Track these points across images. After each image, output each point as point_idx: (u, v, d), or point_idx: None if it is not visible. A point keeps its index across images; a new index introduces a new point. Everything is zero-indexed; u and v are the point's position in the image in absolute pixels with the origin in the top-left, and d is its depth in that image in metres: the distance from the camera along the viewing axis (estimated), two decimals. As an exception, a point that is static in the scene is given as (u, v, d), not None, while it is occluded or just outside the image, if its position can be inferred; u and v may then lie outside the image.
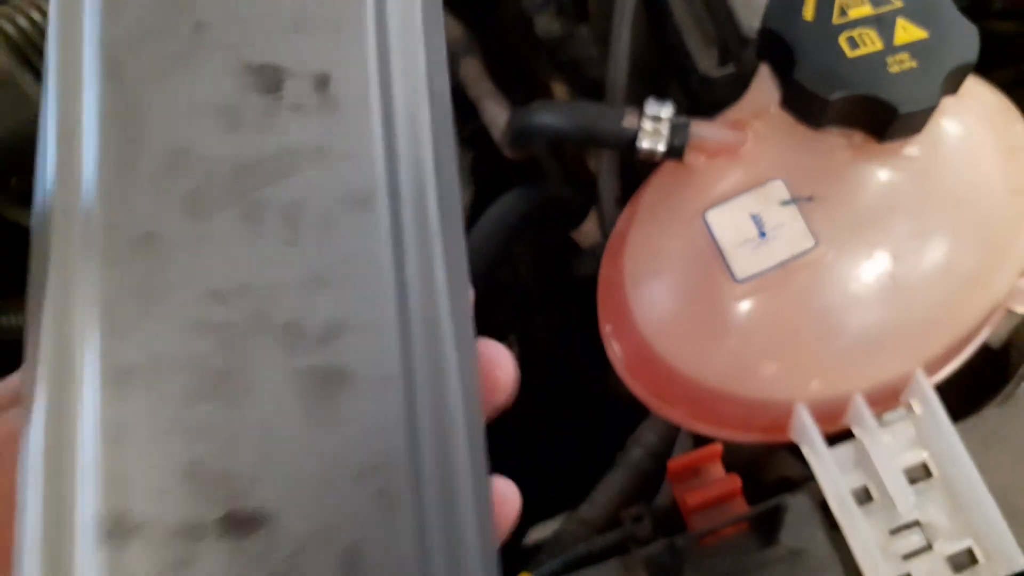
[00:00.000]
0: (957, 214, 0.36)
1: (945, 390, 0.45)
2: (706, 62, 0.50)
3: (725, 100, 0.40)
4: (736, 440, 0.37)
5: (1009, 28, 0.56)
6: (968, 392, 0.42)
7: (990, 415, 0.38)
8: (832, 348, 0.35)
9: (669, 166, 0.39)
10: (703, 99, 0.50)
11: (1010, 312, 0.40)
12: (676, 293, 0.37)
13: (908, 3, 0.35)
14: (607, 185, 0.51)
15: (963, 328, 0.37)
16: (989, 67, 0.62)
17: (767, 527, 0.35)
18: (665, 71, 0.55)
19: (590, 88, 0.64)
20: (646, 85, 0.59)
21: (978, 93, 0.40)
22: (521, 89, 0.76)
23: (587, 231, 0.55)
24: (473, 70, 0.56)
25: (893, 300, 0.35)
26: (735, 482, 0.34)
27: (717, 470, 0.35)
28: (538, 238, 0.53)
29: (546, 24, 0.67)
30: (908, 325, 0.35)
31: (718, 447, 0.35)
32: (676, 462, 0.34)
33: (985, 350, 0.43)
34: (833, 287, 0.34)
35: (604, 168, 0.52)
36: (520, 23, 0.70)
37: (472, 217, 0.53)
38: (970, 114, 0.38)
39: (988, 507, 0.35)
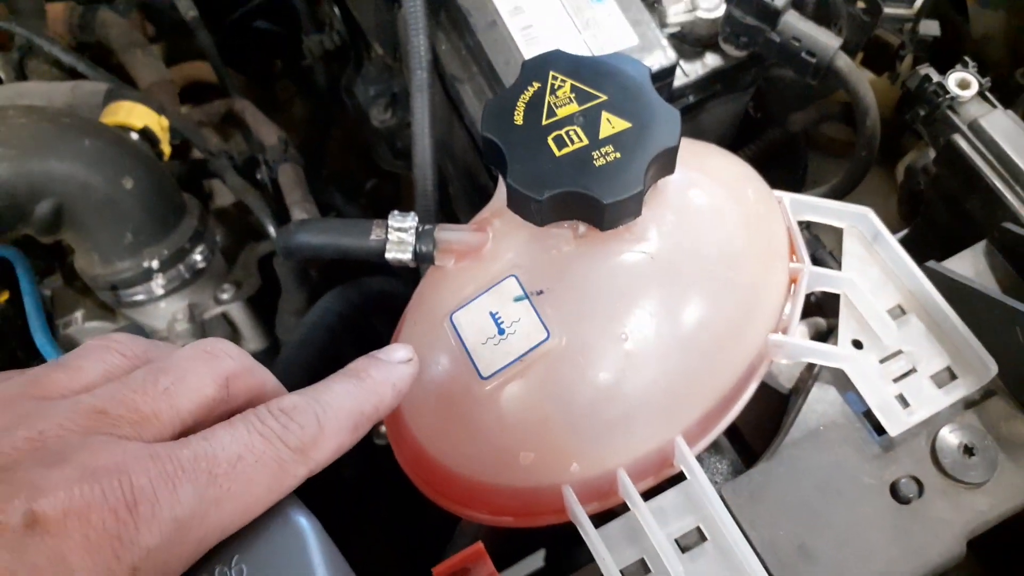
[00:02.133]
0: (695, 284, 0.38)
1: (748, 432, 0.46)
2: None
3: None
4: (518, 526, 0.38)
5: (790, 75, 0.59)
6: (768, 433, 0.43)
7: (757, 471, 0.39)
8: (583, 429, 0.36)
9: (431, 270, 0.41)
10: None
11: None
12: (435, 394, 0.38)
13: (612, 96, 0.37)
14: (425, 275, 0.53)
15: (720, 390, 0.38)
16: (789, 110, 0.65)
17: (542, 614, 0.36)
18: (472, 156, 0.58)
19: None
20: (460, 171, 0.61)
21: (714, 164, 0.42)
22: (373, 177, 0.78)
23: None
24: (288, 177, 0.58)
25: (635, 377, 0.36)
26: (495, 579, 0.35)
27: (483, 567, 0.36)
28: (368, 332, 0.54)
29: (380, 115, 0.69)
30: (656, 398, 0.37)
31: (479, 547, 0.36)
32: (442, 567, 0.35)
33: (779, 394, 0.45)
34: (571, 374, 0.36)
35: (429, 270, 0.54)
36: (359, 115, 0.72)
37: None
38: (704, 185, 0.41)
39: (755, 568, 0.36)
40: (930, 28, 0.58)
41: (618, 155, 0.35)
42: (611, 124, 0.36)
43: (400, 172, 0.75)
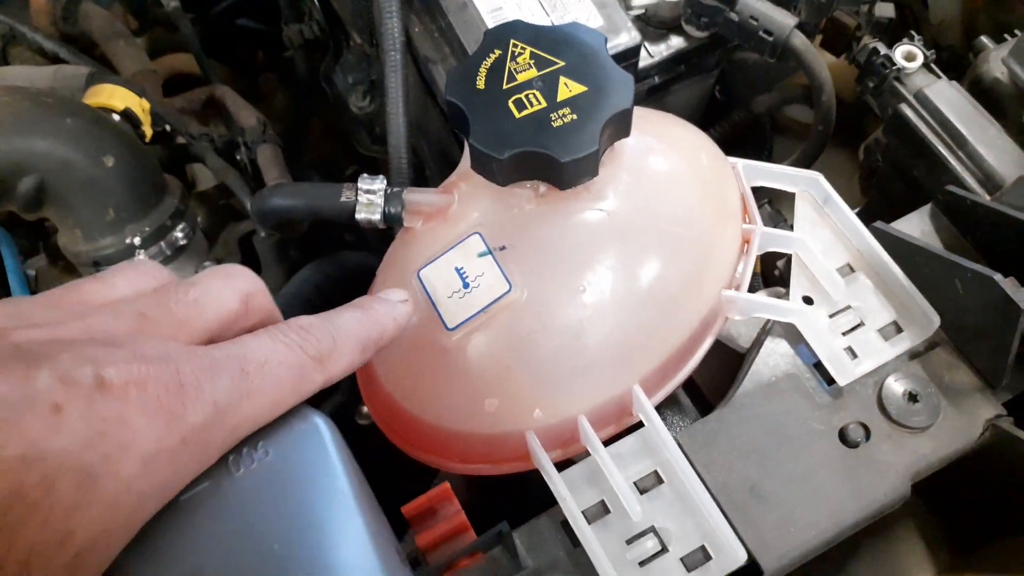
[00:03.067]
0: (650, 241, 0.40)
1: (709, 390, 0.48)
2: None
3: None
4: (488, 473, 0.40)
5: (753, 59, 0.62)
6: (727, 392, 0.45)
7: (711, 419, 0.41)
8: (545, 377, 0.38)
9: (402, 232, 0.43)
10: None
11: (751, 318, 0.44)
12: (404, 347, 0.39)
13: (569, 62, 0.39)
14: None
15: (675, 342, 0.40)
16: (753, 93, 0.67)
17: (507, 552, 0.37)
18: (446, 136, 0.60)
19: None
20: (435, 150, 0.63)
21: (670, 131, 0.44)
22: (353, 164, 0.80)
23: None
24: (267, 157, 0.60)
25: (593, 327, 0.38)
26: (460, 517, 0.37)
27: (450, 506, 0.37)
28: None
29: (358, 102, 0.71)
30: (614, 348, 0.39)
31: (446, 485, 0.38)
32: (410, 507, 0.37)
33: (738, 354, 0.47)
34: (532, 323, 0.38)
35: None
36: (339, 103, 0.74)
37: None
38: (660, 150, 0.43)
39: (710, 508, 0.37)
40: (885, 10, 0.60)
41: (575, 116, 0.37)
42: (568, 88, 0.38)
43: (379, 157, 0.77)
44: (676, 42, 0.58)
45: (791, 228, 0.59)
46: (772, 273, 0.59)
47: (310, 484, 0.25)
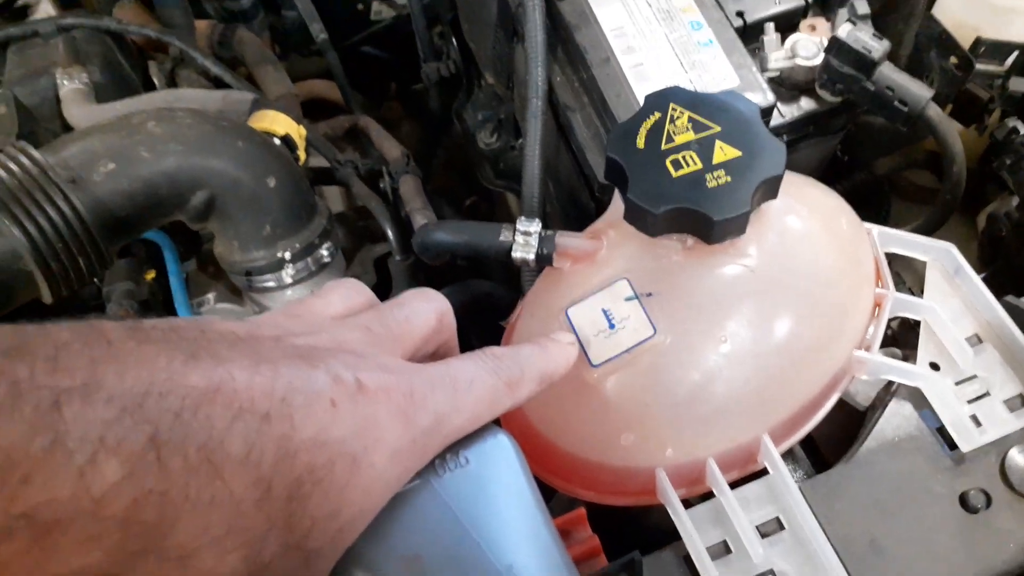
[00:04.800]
0: (789, 298, 0.42)
1: (823, 444, 0.50)
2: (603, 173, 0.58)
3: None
4: (612, 503, 0.43)
5: (879, 122, 0.63)
6: (842, 447, 0.47)
7: (835, 472, 0.43)
8: (680, 419, 0.41)
9: (547, 271, 0.46)
10: (604, 203, 0.57)
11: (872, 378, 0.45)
12: (549, 378, 0.43)
13: (725, 128, 0.42)
14: (528, 281, 0.58)
15: (805, 396, 0.42)
16: (876, 155, 0.69)
17: (633, 581, 0.40)
18: (576, 179, 0.63)
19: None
20: (563, 192, 0.66)
21: (812, 194, 0.46)
22: (475, 195, 0.84)
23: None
24: (409, 187, 0.64)
25: (730, 376, 0.41)
26: (594, 541, 0.39)
27: (584, 531, 0.40)
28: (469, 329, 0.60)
29: (486, 138, 0.75)
30: (748, 397, 0.41)
31: (582, 511, 0.40)
32: (547, 526, 0.40)
33: (855, 411, 0.49)
34: (673, 367, 0.40)
35: (525, 268, 0.59)
36: (467, 137, 0.78)
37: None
38: (803, 213, 0.45)
39: (829, 558, 0.39)
40: (1020, 85, 0.61)
41: (729, 179, 0.40)
42: (723, 152, 0.41)
43: (498, 191, 0.81)
44: (807, 104, 0.60)
45: (909, 289, 0.60)
46: (886, 333, 0.60)
47: (504, 490, 0.29)
